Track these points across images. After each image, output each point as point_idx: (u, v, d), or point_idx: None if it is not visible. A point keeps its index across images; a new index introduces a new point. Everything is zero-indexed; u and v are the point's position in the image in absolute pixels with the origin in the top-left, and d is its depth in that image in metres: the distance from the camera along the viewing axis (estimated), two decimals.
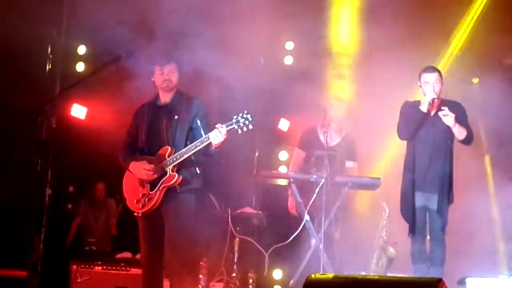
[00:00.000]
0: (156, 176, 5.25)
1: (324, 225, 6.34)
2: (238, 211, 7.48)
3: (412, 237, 5.91)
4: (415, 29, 7.39)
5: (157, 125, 5.39)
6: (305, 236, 6.65)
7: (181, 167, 5.26)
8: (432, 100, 5.82)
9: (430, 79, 5.88)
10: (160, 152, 5.30)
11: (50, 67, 7.93)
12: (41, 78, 7.71)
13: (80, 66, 8.26)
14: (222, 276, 7.14)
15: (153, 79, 5.51)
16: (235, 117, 5.09)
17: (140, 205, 5.28)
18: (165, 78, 5.44)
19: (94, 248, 7.79)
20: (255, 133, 5.52)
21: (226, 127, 5.08)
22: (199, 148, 5.17)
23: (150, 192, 5.26)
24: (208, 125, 5.29)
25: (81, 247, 7.98)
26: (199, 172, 5.35)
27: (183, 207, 5.28)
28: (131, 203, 5.36)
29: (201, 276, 6.85)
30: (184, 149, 5.21)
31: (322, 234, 6.32)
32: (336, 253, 6.55)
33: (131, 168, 5.38)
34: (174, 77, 5.47)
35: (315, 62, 7.57)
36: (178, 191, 5.25)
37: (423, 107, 5.88)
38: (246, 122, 5.07)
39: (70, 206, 8.68)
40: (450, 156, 5.94)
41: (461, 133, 5.84)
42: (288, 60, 8.53)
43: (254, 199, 7.88)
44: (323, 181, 6.36)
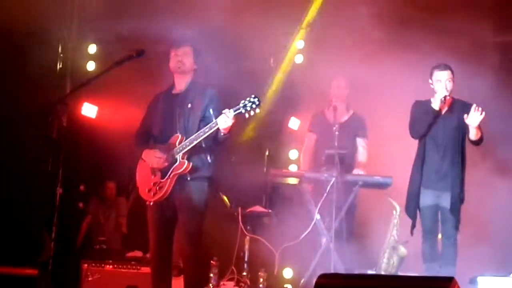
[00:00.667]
0: (166, 164, 5.23)
1: (335, 224, 6.33)
2: (248, 210, 7.47)
3: (423, 236, 5.88)
4: None
5: (170, 114, 5.37)
6: (315, 235, 6.64)
7: (191, 154, 5.22)
8: (444, 98, 5.79)
9: (442, 77, 5.84)
10: (171, 140, 5.28)
11: (61, 66, 7.95)
12: (52, 77, 7.74)
13: (90, 65, 8.25)
14: (232, 274, 7.13)
15: (169, 65, 5.47)
16: (242, 102, 5.08)
17: (152, 194, 5.27)
18: (178, 60, 5.40)
19: (105, 246, 7.78)
20: (265, 131, 5.50)
21: (234, 111, 5.07)
22: (207, 133, 5.14)
23: (161, 180, 5.24)
24: (221, 114, 5.23)
25: (92, 246, 7.99)
26: (210, 159, 5.33)
27: (195, 195, 5.25)
28: (143, 192, 5.35)
29: (211, 275, 6.85)
30: (193, 136, 5.18)
31: (333, 233, 6.31)
32: (347, 252, 6.54)
33: (144, 156, 5.37)
34: (188, 60, 5.42)
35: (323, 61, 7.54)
36: (188, 178, 5.22)
37: (435, 105, 5.85)
38: (253, 105, 5.04)
39: (81, 205, 8.70)
40: (462, 155, 5.91)
41: (477, 134, 5.79)
42: (299, 58, 8.52)
43: (265, 197, 7.87)
44: (333, 180, 6.35)
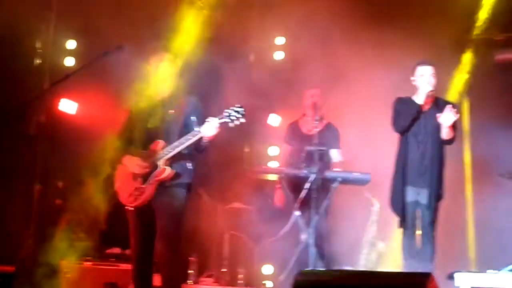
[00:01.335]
0: (148, 170, 5.25)
1: (314, 220, 6.35)
2: (228, 206, 7.48)
3: (403, 232, 5.89)
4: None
5: (152, 119, 5.38)
6: (295, 232, 6.65)
7: (173, 161, 5.25)
8: (430, 92, 5.81)
9: (426, 72, 5.88)
10: (153, 146, 5.30)
11: (40, 61, 7.89)
12: (30, 73, 7.67)
13: (69, 61, 8.21)
14: (211, 271, 7.14)
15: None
16: (226, 111, 5.12)
17: (133, 199, 5.27)
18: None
19: (83, 243, 7.74)
20: (245, 128, 5.51)
21: (218, 119, 5.09)
22: (190, 141, 5.18)
23: (142, 186, 5.26)
24: (203, 123, 5.26)
25: (70, 242, 7.93)
26: (191, 166, 5.36)
27: (175, 200, 5.27)
28: (123, 197, 5.35)
29: (191, 271, 6.86)
30: (176, 143, 5.22)
31: (312, 229, 6.33)
32: (326, 248, 6.56)
33: (124, 161, 5.38)
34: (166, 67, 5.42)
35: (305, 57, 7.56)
36: (167, 184, 5.24)
37: (419, 100, 5.87)
38: (238, 115, 5.09)
39: (59, 201, 8.64)
40: (442, 152, 5.94)
41: (449, 133, 5.83)
42: (279, 55, 8.54)
43: (244, 194, 7.87)
44: (312, 177, 6.36)
